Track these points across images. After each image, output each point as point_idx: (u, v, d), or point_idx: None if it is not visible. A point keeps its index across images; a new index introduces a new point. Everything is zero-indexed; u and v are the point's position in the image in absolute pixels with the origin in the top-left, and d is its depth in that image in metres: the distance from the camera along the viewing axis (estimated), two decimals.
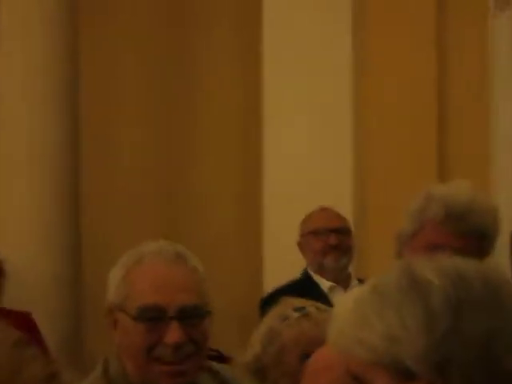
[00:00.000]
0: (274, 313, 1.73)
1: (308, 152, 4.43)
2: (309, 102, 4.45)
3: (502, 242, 2.25)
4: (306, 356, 1.41)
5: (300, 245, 3.65)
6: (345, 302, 0.92)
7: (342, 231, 3.61)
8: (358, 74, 4.50)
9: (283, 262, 4.01)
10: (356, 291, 0.92)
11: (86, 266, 4.56)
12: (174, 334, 1.49)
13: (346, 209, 4.07)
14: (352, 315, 0.89)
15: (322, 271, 3.55)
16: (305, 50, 4.47)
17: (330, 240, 3.52)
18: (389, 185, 4.41)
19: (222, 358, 3.46)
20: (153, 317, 1.51)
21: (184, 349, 1.50)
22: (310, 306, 1.71)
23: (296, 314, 1.67)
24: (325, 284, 3.51)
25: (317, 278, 3.56)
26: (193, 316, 1.53)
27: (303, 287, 3.44)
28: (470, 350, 0.83)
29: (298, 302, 1.78)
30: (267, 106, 4.52)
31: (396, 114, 4.51)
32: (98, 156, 5.06)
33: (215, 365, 1.78)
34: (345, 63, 4.48)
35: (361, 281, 3.44)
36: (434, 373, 0.83)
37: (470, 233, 2.01)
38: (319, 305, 1.76)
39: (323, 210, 3.70)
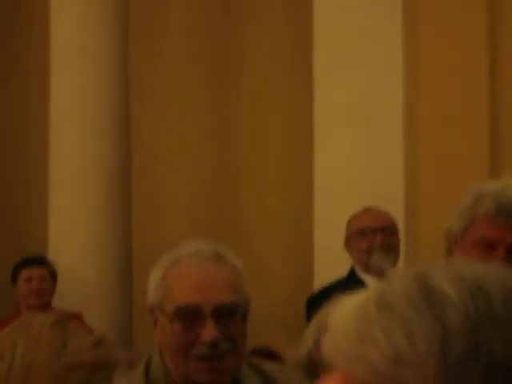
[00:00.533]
0: (327, 309, 1.75)
1: (359, 152, 4.41)
2: (360, 99, 4.43)
3: None
4: None
5: (346, 244, 3.67)
6: (345, 310, 0.76)
7: (387, 230, 3.61)
8: (410, 71, 4.47)
9: (333, 262, 4.02)
10: (359, 298, 0.75)
11: (136, 266, 4.63)
12: (209, 331, 1.52)
13: (397, 208, 4.07)
14: (353, 327, 0.73)
15: (368, 270, 3.56)
16: (356, 44, 4.45)
17: (376, 239, 3.54)
18: (440, 184, 4.35)
19: (273, 356, 3.50)
20: (189, 316, 1.54)
21: (220, 346, 1.53)
22: None
23: None
24: (371, 283, 3.52)
25: (363, 276, 3.58)
26: (229, 314, 1.55)
27: (349, 286, 3.42)
28: (490, 378, 0.68)
29: None
30: (318, 105, 4.51)
31: (447, 111, 4.46)
32: (149, 160, 5.15)
33: (261, 362, 1.80)
34: (396, 58, 4.45)
35: None
36: None
37: None
38: None
39: (368, 209, 3.71)
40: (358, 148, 4.41)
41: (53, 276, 4.24)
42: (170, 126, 5.19)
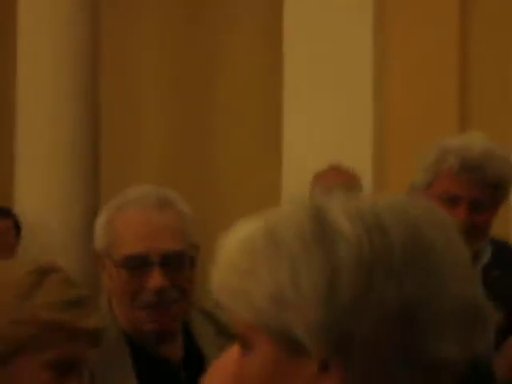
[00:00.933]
0: None
1: (328, 112, 4.40)
2: (329, 57, 4.42)
3: None
4: None
5: None
6: (232, 242, 0.69)
7: (351, 187, 3.66)
8: (379, 25, 4.44)
9: None
10: (248, 230, 0.68)
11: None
12: (155, 279, 1.49)
13: (365, 165, 4.10)
14: (237, 261, 0.67)
15: None
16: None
17: None
18: (408, 143, 4.36)
19: None
20: (135, 265, 1.52)
21: (167, 294, 1.51)
22: None
23: None
24: None
25: None
26: (175, 261, 1.53)
27: None
28: (383, 327, 0.62)
29: None
30: (288, 64, 4.49)
31: (416, 68, 4.46)
32: (119, 103, 5.02)
33: (215, 310, 1.79)
34: (366, 10, 4.42)
35: None
36: (331, 351, 0.62)
37: (485, 182, 2.02)
38: None
39: (333, 167, 3.76)
40: (327, 109, 4.41)
41: (17, 228, 4.18)
42: (141, 78, 5.12)
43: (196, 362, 1.58)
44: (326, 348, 0.62)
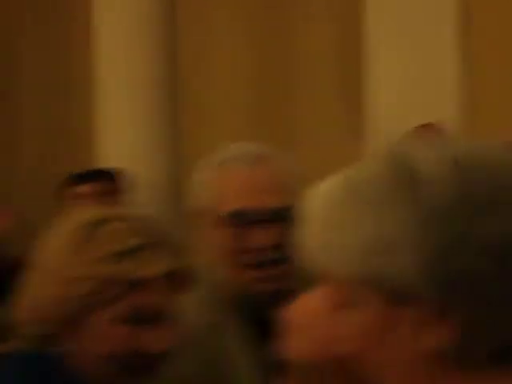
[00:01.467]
0: None
1: (410, 68, 4.29)
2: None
3: None
4: None
5: None
6: (318, 199, 0.68)
7: None
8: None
9: None
10: (331, 185, 0.68)
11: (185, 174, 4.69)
12: (264, 236, 1.47)
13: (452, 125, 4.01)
14: (329, 221, 0.66)
15: None
16: None
17: None
18: (497, 94, 4.27)
19: None
20: (242, 221, 1.48)
21: (273, 253, 1.48)
22: None
23: None
24: None
25: None
26: (282, 218, 1.47)
27: None
28: (483, 261, 0.61)
29: None
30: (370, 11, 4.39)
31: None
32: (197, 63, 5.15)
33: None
34: None
35: None
36: (435, 294, 0.60)
37: None
38: None
39: (421, 126, 3.63)
40: (410, 67, 4.30)
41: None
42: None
43: None
44: (432, 292, 0.60)
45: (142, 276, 1.20)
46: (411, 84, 4.24)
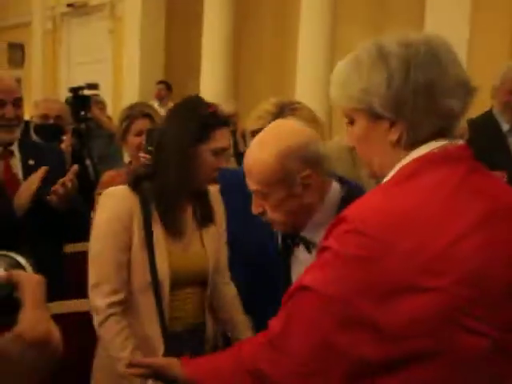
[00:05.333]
0: None
1: None
2: None
3: None
4: None
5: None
6: (337, 68, 1.31)
7: None
8: None
9: None
10: (344, 63, 1.29)
11: None
12: None
13: None
14: (341, 77, 1.29)
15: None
16: None
17: None
18: None
19: None
20: None
21: None
22: None
23: None
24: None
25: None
26: None
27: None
28: (417, 95, 1.19)
29: None
30: None
31: None
32: None
33: None
34: None
35: None
36: (393, 114, 1.22)
37: None
38: None
39: None
40: None
41: None
42: None
43: None
44: (391, 113, 1.22)
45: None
46: None
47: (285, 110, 2.11)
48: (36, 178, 2.43)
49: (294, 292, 1.24)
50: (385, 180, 1.25)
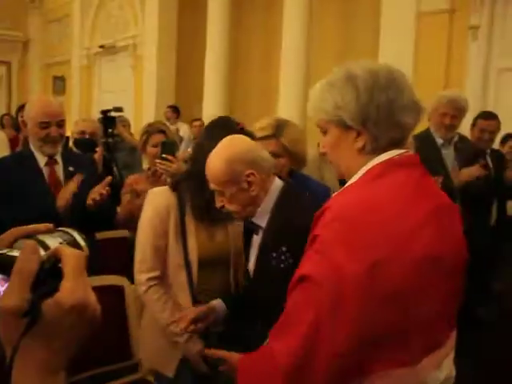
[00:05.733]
0: None
1: None
2: None
3: None
4: None
5: None
6: (314, 89, 1.31)
7: None
8: None
9: None
10: (321, 84, 1.29)
11: None
12: None
13: None
14: (318, 96, 1.28)
15: None
16: None
17: None
18: None
19: None
20: None
21: None
22: None
23: None
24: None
25: None
26: None
27: None
28: (379, 111, 1.20)
29: None
30: None
31: None
32: None
33: None
34: None
35: None
36: (360, 125, 1.21)
37: None
38: None
39: None
40: None
41: None
42: None
43: None
44: (358, 125, 1.21)
45: None
46: None
47: (281, 122, 2.15)
48: (73, 184, 2.42)
49: (295, 283, 1.16)
50: (351, 181, 1.24)
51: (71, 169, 2.58)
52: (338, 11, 7.51)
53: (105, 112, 5.06)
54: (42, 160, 2.53)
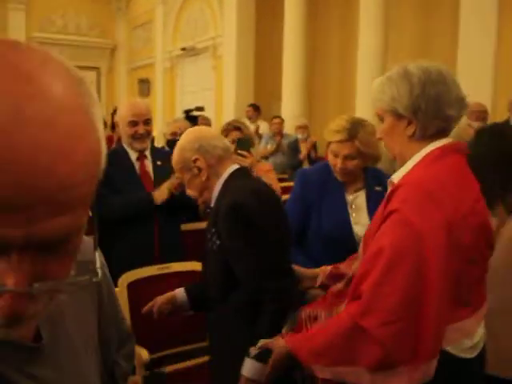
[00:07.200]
0: None
1: None
2: None
3: None
4: None
5: None
6: (375, 82, 1.48)
7: None
8: None
9: None
10: (381, 79, 1.47)
11: None
12: None
13: None
14: (378, 89, 1.45)
15: None
16: None
17: None
18: None
19: None
20: None
21: None
22: None
23: None
24: None
25: None
26: None
27: None
28: (429, 104, 1.36)
29: None
30: None
31: None
32: None
33: None
34: None
35: None
36: (411, 115, 1.39)
37: None
38: None
39: None
40: None
41: None
42: None
43: None
44: (410, 114, 1.39)
45: None
46: None
47: (355, 124, 2.16)
48: (171, 183, 2.64)
49: (375, 255, 1.27)
50: (409, 163, 1.42)
51: (159, 163, 2.80)
52: (415, 12, 7.39)
53: (187, 111, 5.31)
54: (133, 155, 2.77)
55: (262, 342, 1.47)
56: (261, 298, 1.63)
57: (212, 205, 1.81)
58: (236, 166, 1.84)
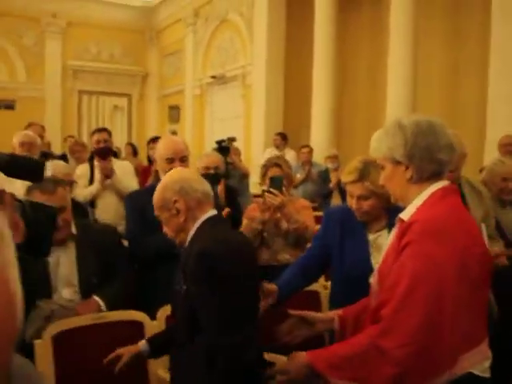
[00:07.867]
0: None
1: None
2: None
3: None
4: None
5: None
6: (374, 135, 1.66)
7: None
8: None
9: None
10: (379, 131, 1.66)
11: None
12: None
13: None
14: (376, 139, 1.64)
15: None
16: None
17: None
18: None
19: None
20: None
21: None
22: None
23: None
24: None
25: None
26: None
27: None
28: (422, 151, 1.54)
29: None
30: None
31: None
32: None
33: None
34: None
35: None
36: (408, 161, 1.56)
37: None
38: None
39: None
40: None
41: None
42: None
43: None
44: (406, 160, 1.56)
45: None
46: None
47: (367, 165, 2.19)
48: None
49: (394, 284, 1.43)
50: (414, 203, 1.59)
51: None
52: (446, 41, 7.42)
53: (219, 142, 5.38)
54: None
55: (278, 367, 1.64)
56: (214, 355, 1.64)
57: (186, 246, 1.84)
58: (213, 213, 1.86)
